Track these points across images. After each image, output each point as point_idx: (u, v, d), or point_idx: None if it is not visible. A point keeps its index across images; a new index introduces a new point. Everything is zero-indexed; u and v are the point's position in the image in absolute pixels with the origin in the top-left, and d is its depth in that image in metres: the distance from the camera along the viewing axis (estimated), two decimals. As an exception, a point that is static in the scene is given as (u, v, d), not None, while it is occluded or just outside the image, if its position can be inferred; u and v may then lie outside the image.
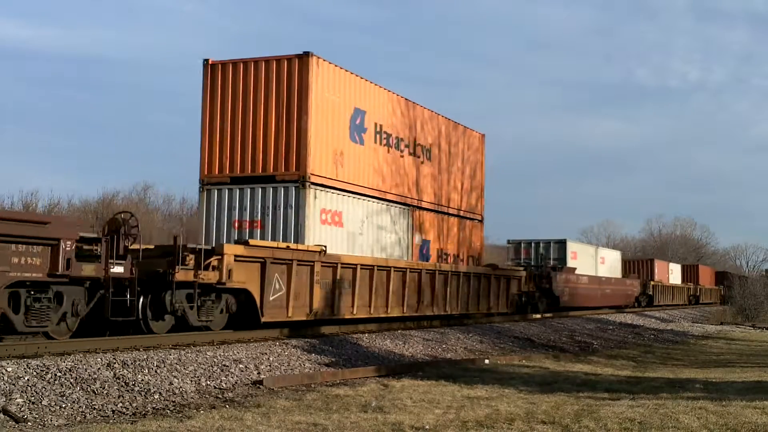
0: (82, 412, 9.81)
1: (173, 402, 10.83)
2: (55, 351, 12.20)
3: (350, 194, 21.05)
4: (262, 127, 19.53)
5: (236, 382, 12.46)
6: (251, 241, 16.79)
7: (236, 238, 18.90)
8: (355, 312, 19.63)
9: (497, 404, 11.16)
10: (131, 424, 9.14)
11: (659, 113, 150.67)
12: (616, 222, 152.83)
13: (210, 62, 19.88)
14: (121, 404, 10.34)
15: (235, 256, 15.70)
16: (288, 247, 17.44)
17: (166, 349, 13.57)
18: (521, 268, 30.36)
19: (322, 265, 18.25)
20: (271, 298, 16.70)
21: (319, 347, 16.13)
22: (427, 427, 9.29)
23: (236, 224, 19.52)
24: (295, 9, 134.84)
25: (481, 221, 28.71)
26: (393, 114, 23.10)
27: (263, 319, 16.54)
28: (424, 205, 24.78)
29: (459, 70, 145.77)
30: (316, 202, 19.51)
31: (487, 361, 17.60)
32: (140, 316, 14.26)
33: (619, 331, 31.32)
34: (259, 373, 13.16)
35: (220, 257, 15.35)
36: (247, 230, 19.39)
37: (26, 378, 10.33)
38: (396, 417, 9.90)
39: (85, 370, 11.11)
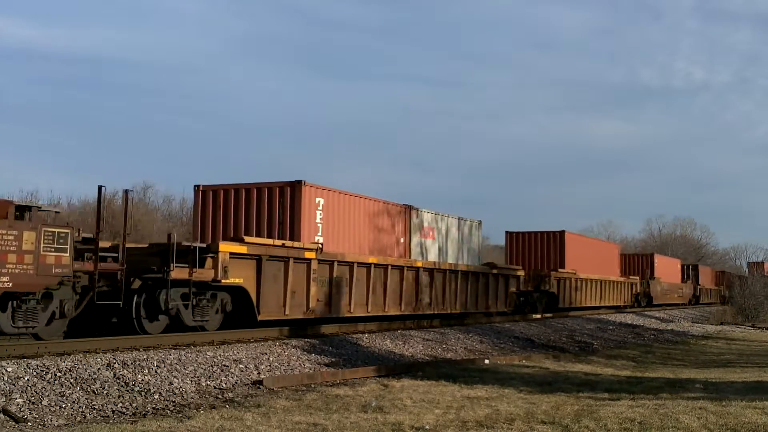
0: (82, 412, 9.81)
1: (173, 402, 10.83)
2: (55, 351, 12.22)
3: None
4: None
5: (236, 382, 12.46)
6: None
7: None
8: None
9: (497, 404, 11.16)
10: (131, 424, 9.14)
11: (662, 113, 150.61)
12: (616, 222, 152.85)
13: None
14: (121, 404, 10.34)
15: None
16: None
17: (166, 349, 13.58)
18: None
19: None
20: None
21: (319, 347, 16.12)
22: (427, 427, 9.29)
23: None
24: (296, 9, 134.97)
25: None
26: None
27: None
28: None
29: (462, 70, 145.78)
30: None
31: (487, 361, 17.60)
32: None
33: (619, 331, 31.31)
34: (259, 373, 13.16)
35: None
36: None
37: (26, 378, 10.33)
38: (396, 417, 9.90)
39: (85, 370, 11.11)
